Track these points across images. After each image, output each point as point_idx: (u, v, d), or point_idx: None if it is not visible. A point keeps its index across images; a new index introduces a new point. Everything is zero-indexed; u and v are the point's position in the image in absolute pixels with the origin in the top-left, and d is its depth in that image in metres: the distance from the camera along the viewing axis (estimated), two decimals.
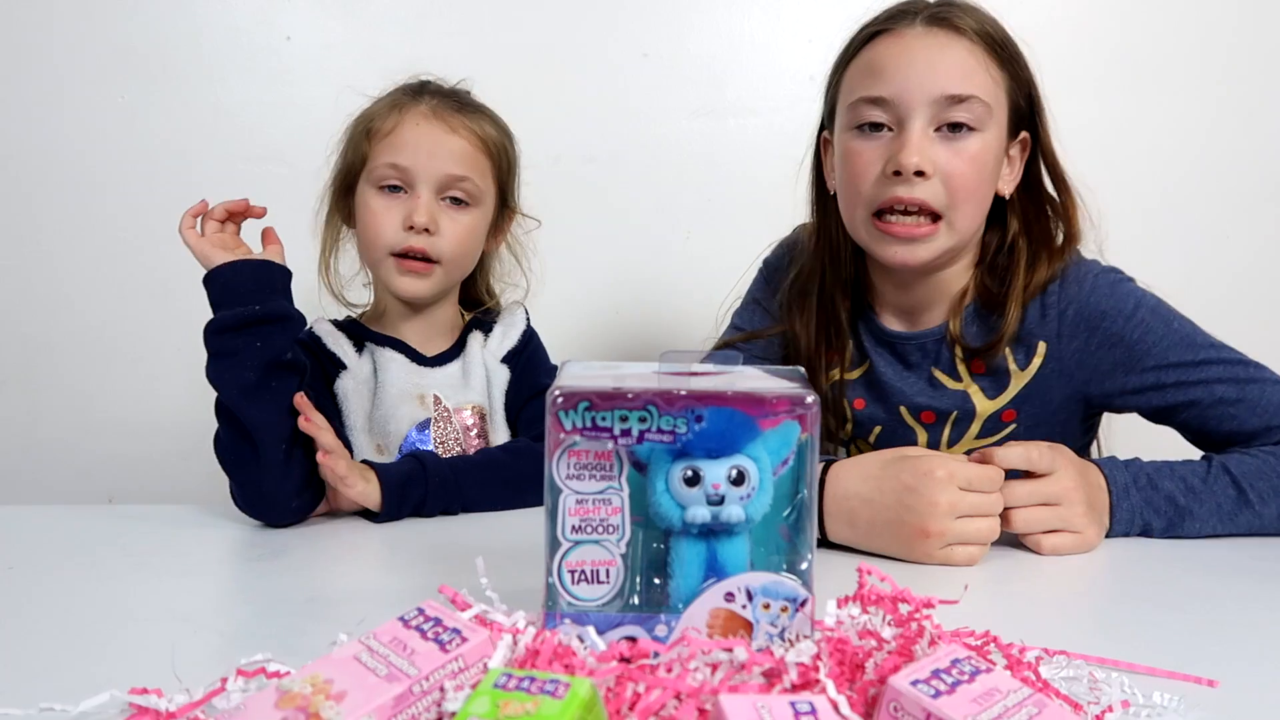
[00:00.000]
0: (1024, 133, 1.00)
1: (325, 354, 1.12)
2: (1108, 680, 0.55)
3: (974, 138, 0.93)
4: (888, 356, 1.07)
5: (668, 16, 1.62)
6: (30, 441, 1.62)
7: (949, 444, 1.05)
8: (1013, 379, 1.01)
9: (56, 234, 1.61)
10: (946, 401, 1.04)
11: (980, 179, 0.95)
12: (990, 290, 1.01)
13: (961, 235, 0.96)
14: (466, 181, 1.11)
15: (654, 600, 0.55)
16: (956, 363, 1.03)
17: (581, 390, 0.53)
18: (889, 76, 0.94)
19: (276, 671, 0.53)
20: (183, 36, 1.58)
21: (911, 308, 1.06)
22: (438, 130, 1.10)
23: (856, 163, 0.96)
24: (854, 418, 1.10)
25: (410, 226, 1.08)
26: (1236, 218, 1.67)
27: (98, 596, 0.72)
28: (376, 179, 1.10)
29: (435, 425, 1.12)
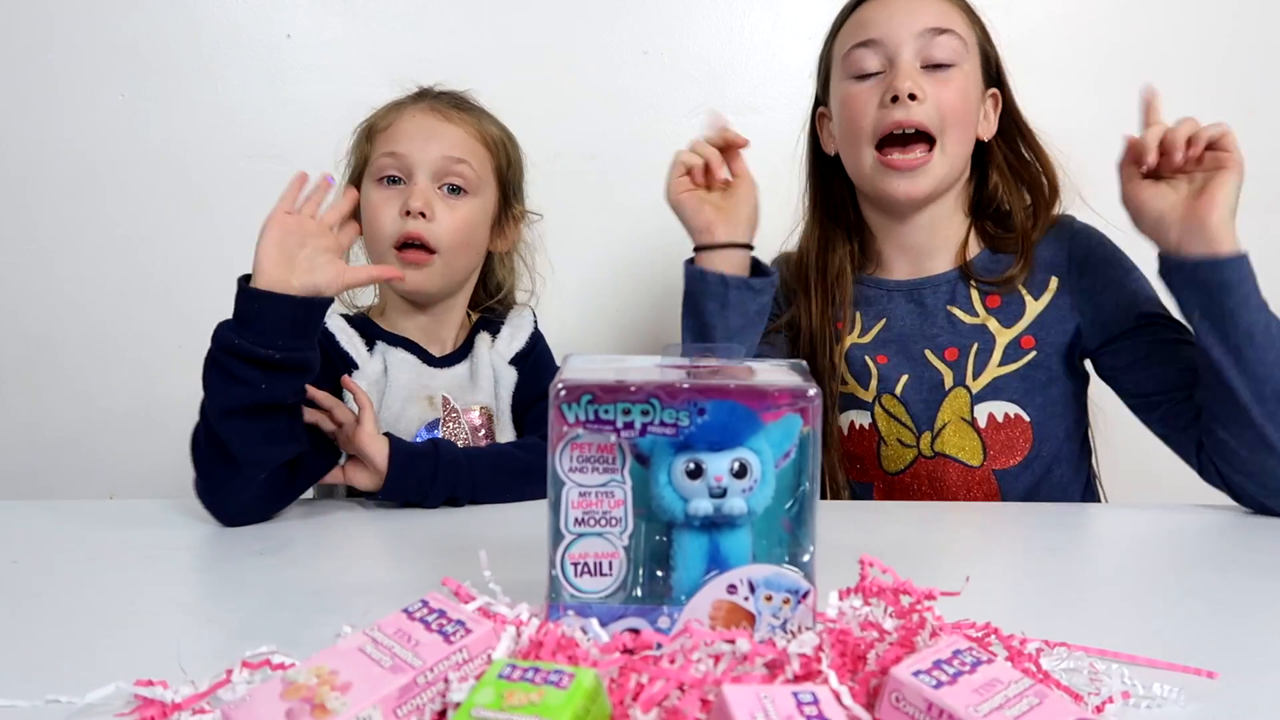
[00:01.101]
0: (994, 89, 1.13)
1: (337, 353, 1.12)
2: (1108, 672, 0.55)
3: (955, 71, 1.06)
4: (904, 305, 1.15)
5: (668, 14, 1.62)
6: (32, 438, 1.63)
7: (973, 375, 1.11)
8: (1027, 308, 1.10)
9: (57, 231, 1.61)
10: (966, 337, 1.11)
11: (965, 107, 1.07)
12: (995, 236, 1.13)
13: (953, 161, 1.08)
14: (463, 165, 1.12)
15: (657, 592, 0.55)
16: (972, 299, 1.12)
17: (584, 383, 0.53)
18: (876, 23, 1.07)
19: (281, 663, 0.53)
20: (183, 34, 1.58)
21: (918, 251, 1.15)
22: (434, 120, 1.13)
23: (855, 103, 1.08)
24: (878, 374, 1.15)
25: (407, 212, 1.08)
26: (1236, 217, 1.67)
27: (102, 590, 0.72)
28: (376, 171, 1.11)
29: (444, 426, 1.12)
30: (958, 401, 1.11)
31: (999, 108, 1.13)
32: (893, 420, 1.14)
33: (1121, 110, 1.64)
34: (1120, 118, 1.64)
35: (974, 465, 1.11)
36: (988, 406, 1.10)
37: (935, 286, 1.14)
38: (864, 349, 1.16)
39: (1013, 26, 1.59)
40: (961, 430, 1.11)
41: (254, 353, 0.86)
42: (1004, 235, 1.13)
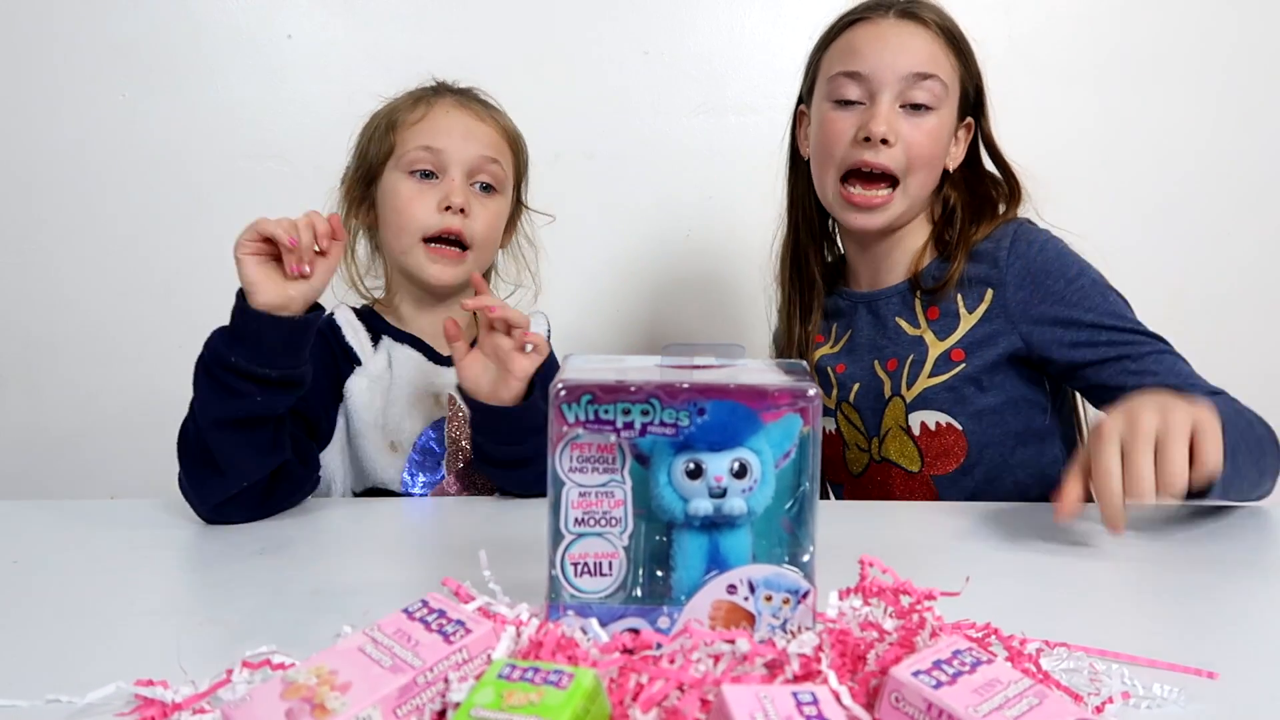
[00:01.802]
0: (969, 118, 1.15)
1: (341, 347, 1.12)
2: (1108, 672, 0.55)
3: (932, 115, 1.09)
4: (865, 316, 1.18)
5: (668, 14, 1.62)
6: (33, 438, 1.63)
7: (907, 385, 1.13)
8: (961, 321, 1.11)
9: (58, 231, 1.61)
10: (905, 348, 1.14)
11: (934, 151, 1.10)
12: (943, 244, 1.15)
13: (913, 200, 1.11)
14: (496, 165, 1.13)
15: (656, 592, 0.55)
16: (916, 311, 1.14)
17: (584, 383, 0.53)
18: (865, 55, 1.08)
19: (281, 663, 0.53)
20: (183, 34, 1.58)
21: (875, 267, 1.18)
22: (468, 117, 1.14)
23: (831, 130, 1.10)
24: (837, 382, 1.19)
25: (447, 207, 1.09)
26: (1237, 216, 1.68)
27: (102, 590, 0.72)
28: (408, 164, 1.11)
29: (449, 424, 1.11)
30: (896, 410, 1.14)
31: (970, 136, 1.16)
32: (851, 426, 1.19)
33: (1121, 109, 1.65)
34: (1120, 117, 1.65)
35: (913, 471, 1.14)
36: (920, 415, 1.12)
37: (888, 299, 1.17)
38: (829, 359, 1.21)
39: (1013, 27, 1.60)
40: (900, 438, 1.14)
41: (250, 371, 0.87)
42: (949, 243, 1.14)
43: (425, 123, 1.12)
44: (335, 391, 1.10)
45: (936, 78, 1.08)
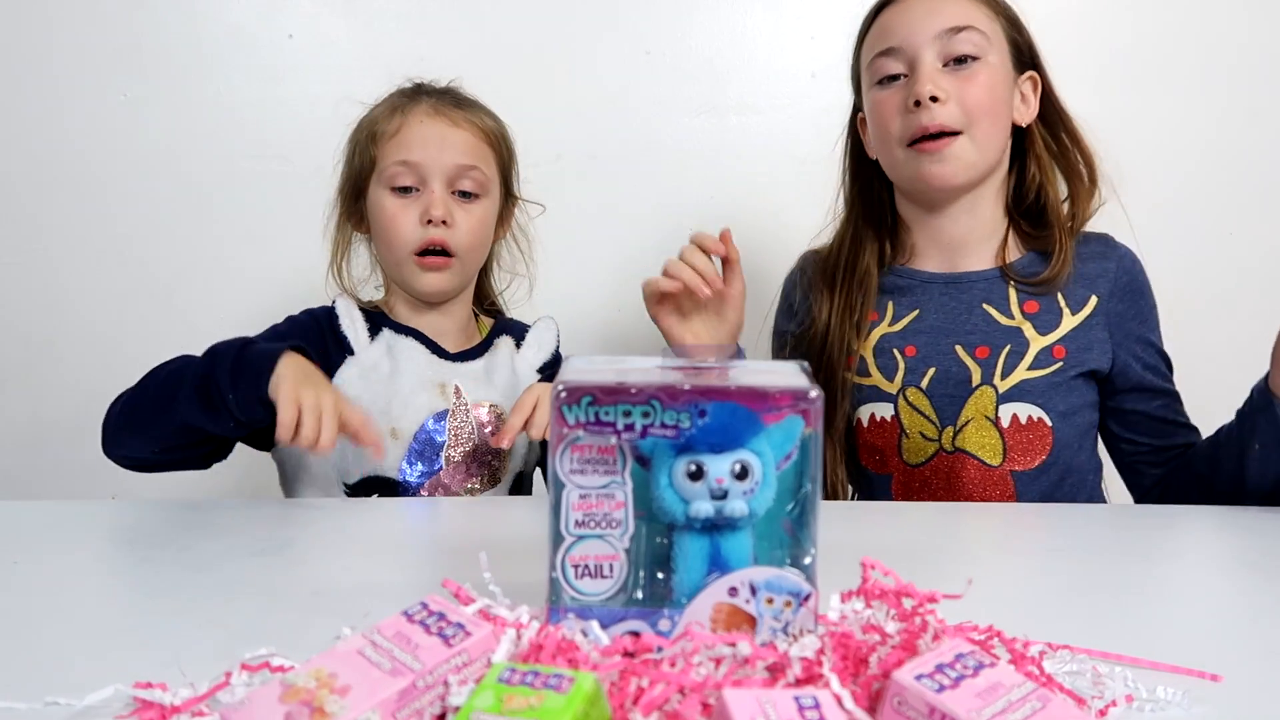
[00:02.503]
0: (1032, 71, 1.12)
1: (335, 335, 1.13)
2: (1111, 675, 0.55)
3: (978, 65, 1.06)
4: (938, 298, 1.15)
5: (670, 14, 1.62)
6: (34, 438, 1.63)
7: (1001, 375, 1.11)
8: (1064, 320, 1.11)
9: (58, 232, 1.61)
10: (999, 337, 1.12)
11: (992, 99, 1.07)
12: (1033, 235, 1.13)
13: (984, 150, 1.08)
14: (475, 171, 1.13)
15: (657, 595, 0.55)
16: (1010, 301, 1.12)
17: (585, 385, 0.53)
18: (894, 29, 1.08)
19: (280, 666, 0.53)
20: (184, 35, 1.58)
21: (953, 244, 1.16)
22: (442, 125, 1.13)
23: (882, 110, 1.09)
24: (905, 365, 1.15)
25: (428, 220, 1.09)
26: (1239, 218, 1.67)
27: (101, 591, 0.72)
28: (388, 179, 1.12)
29: (452, 416, 1.12)
30: (983, 399, 1.11)
31: (1039, 90, 1.13)
32: (916, 413, 1.14)
33: (1123, 111, 1.65)
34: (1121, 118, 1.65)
35: (993, 464, 1.11)
36: (1012, 407, 1.10)
37: (972, 283, 1.14)
38: (893, 339, 1.16)
39: None
40: (984, 428, 1.11)
41: (241, 412, 0.92)
42: (1043, 234, 1.13)
43: (401, 135, 1.12)
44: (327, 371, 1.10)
45: (972, 28, 1.06)
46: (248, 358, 0.94)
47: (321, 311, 1.17)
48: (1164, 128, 1.65)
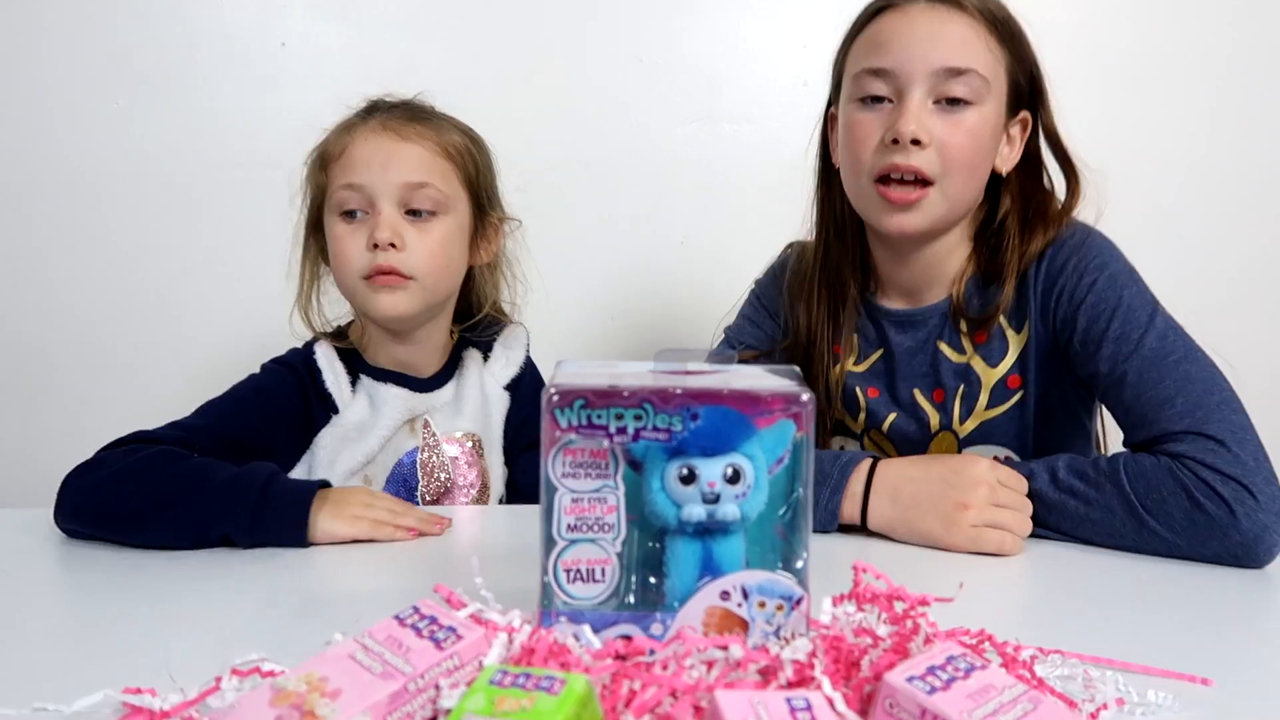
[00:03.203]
0: (1024, 112, 1.03)
1: (319, 393, 1.08)
2: (1102, 678, 0.55)
3: (971, 111, 0.96)
4: (898, 336, 1.08)
5: (662, 22, 1.63)
6: (25, 447, 1.62)
7: (960, 420, 1.05)
8: (1010, 344, 1.02)
9: (52, 241, 1.60)
10: (952, 377, 1.05)
11: (975, 151, 0.97)
12: (987, 263, 1.03)
13: (953, 203, 0.99)
14: (427, 188, 1.04)
15: (649, 599, 0.55)
16: (960, 336, 1.04)
17: (577, 388, 0.53)
18: (891, 48, 0.97)
19: (271, 671, 0.53)
20: (178, 43, 1.58)
21: (913, 285, 1.07)
22: (388, 141, 1.05)
23: (857, 132, 0.99)
24: (867, 407, 1.10)
25: (375, 245, 1.02)
26: (1234, 222, 1.68)
27: (91, 597, 0.72)
28: (337, 205, 1.05)
29: (422, 452, 1.09)
30: (944, 445, 1.06)
31: (1027, 132, 1.03)
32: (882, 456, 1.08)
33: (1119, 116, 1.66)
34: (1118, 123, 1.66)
35: None
36: (978, 450, 1.03)
37: (927, 319, 1.06)
38: (857, 378, 1.11)
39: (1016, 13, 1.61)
40: None
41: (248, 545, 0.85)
42: (995, 261, 1.03)
43: (346, 157, 1.05)
44: (302, 437, 1.07)
45: (974, 72, 0.95)
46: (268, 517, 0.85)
47: (298, 363, 1.09)
48: (1162, 131, 1.65)
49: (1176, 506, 0.81)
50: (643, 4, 1.62)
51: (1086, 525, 0.86)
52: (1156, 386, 0.89)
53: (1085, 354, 0.95)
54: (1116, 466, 0.85)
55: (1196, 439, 0.84)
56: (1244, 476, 0.80)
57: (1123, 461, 0.86)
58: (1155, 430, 0.87)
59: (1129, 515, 0.83)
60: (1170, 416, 0.86)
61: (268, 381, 1.08)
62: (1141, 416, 0.89)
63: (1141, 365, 0.90)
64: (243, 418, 1.02)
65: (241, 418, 1.02)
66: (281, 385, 1.08)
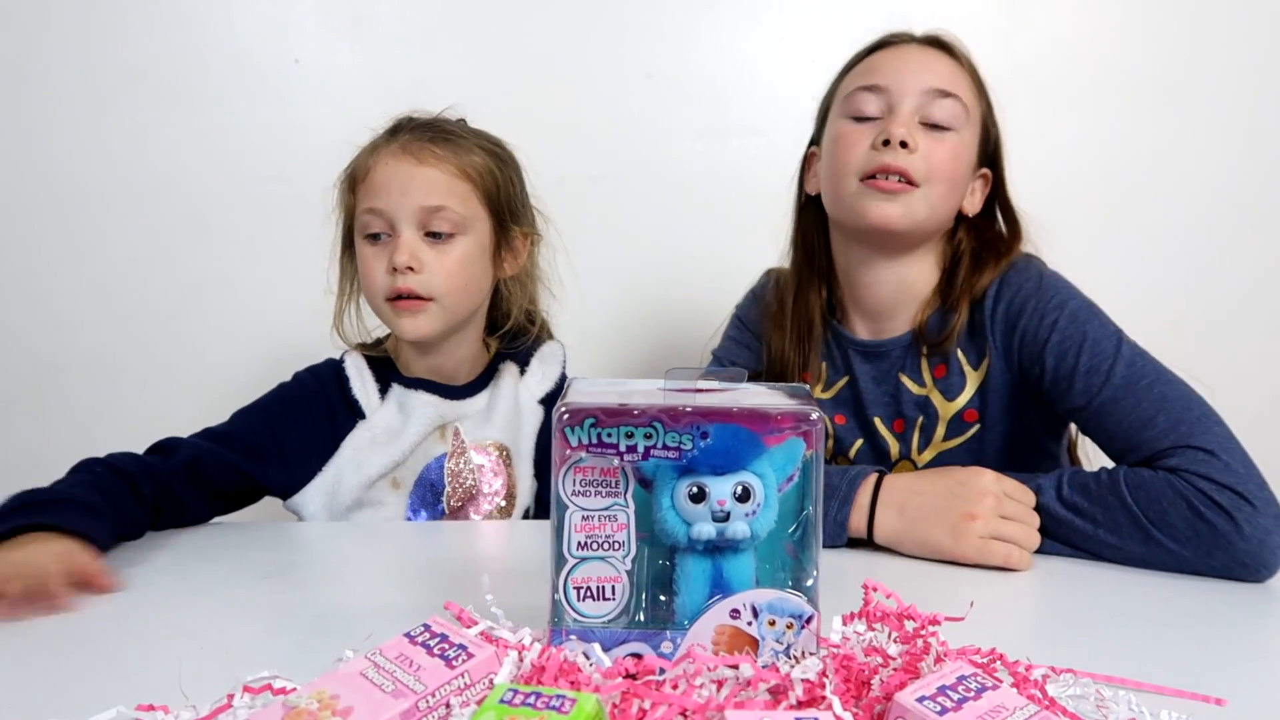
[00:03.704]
0: (985, 169, 1.09)
1: (345, 398, 1.10)
2: (1115, 698, 0.54)
3: (952, 135, 1.02)
4: (863, 365, 1.11)
5: (671, 38, 1.63)
6: (37, 461, 1.62)
7: (918, 449, 1.08)
8: (968, 379, 1.05)
9: (63, 255, 1.62)
10: (912, 408, 1.08)
11: (955, 169, 1.03)
12: (946, 292, 1.07)
13: (932, 211, 1.02)
14: (445, 211, 1.06)
15: (659, 617, 0.55)
16: (921, 368, 1.07)
17: (588, 406, 0.53)
18: (885, 70, 1.04)
19: (283, 688, 0.53)
20: (191, 58, 1.59)
21: (880, 307, 1.09)
22: (406, 165, 1.07)
23: (846, 140, 1.04)
24: (834, 434, 1.12)
25: (394, 269, 1.05)
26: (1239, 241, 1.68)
27: (104, 613, 0.72)
28: (362, 228, 1.09)
29: (450, 459, 1.10)
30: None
31: (987, 188, 1.09)
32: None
33: (1125, 133, 1.66)
34: (1124, 140, 1.66)
35: None
36: None
37: (890, 351, 1.09)
38: (825, 405, 1.12)
39: (1015, 53, 1.61)
40: None
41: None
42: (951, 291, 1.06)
43: (369, 181, 1.08)
44: (327, 444, 1.08)
45: (957, 98, 1.02)
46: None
47: (327, 372, 1.13)
48: (1163, 154, 1.65)
49: (1179, 517, 0.82)
50: (652, 20, 1.63)
51: (1094, 541, 0.86)
52: (1135, 410, 0.90)
53: (1058, 392, 0.97)
54: (1117, 479, 0.86)
55: (1185, 451, 0.85)
56: (1238, 484, 0.82)
57: (1122, 475, 0.87)
58: (1144, 452, 0.88)
59: (1135, 528, 0.84)
60: (1154, 436, 0.88)
61: (295, 390, 1.12)
62: (1127, 441, 0.90)
63: (1116, 393, 0.92)
64: (266, 426, 1.07)
65: (265, 426, 1.07)
66: (307, 393, 1.11)
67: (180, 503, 0.98)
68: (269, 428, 1.07)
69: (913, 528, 0.87)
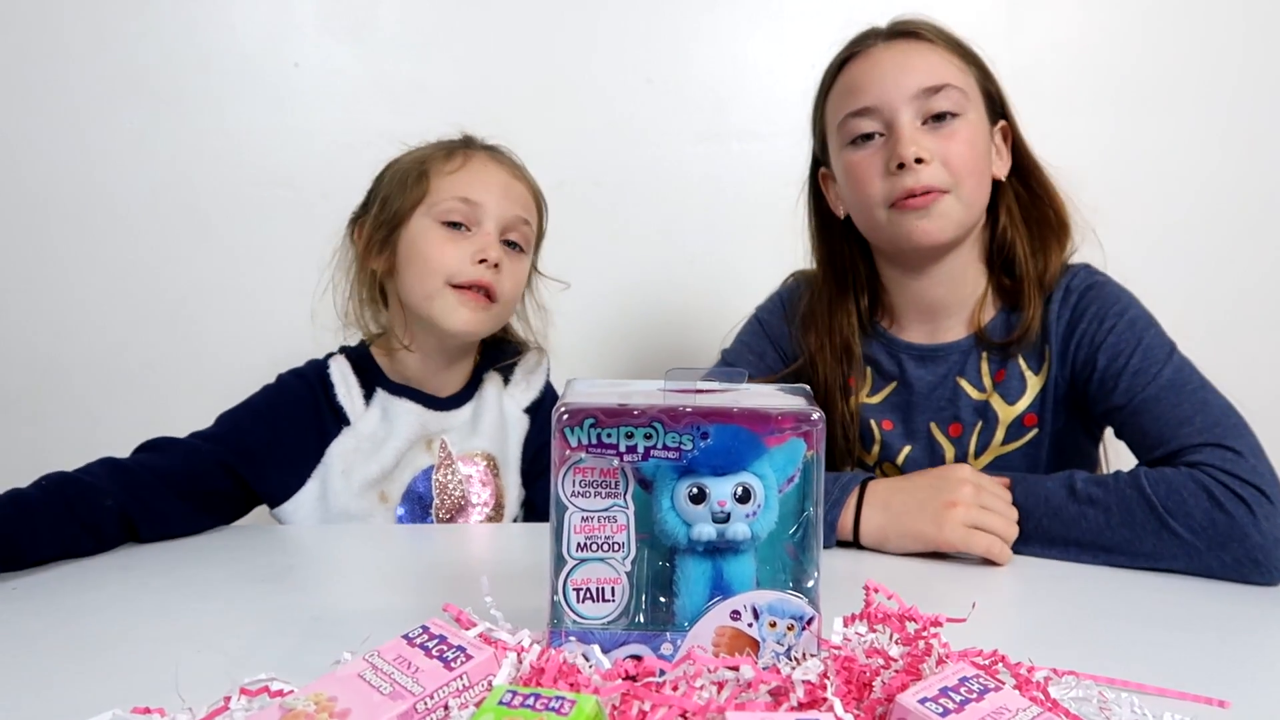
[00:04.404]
0: (1002, 121, 1.07)
1: (331, 406, 1.09)
2: (1118, 700, 0.54)
3: (959, 122, 1.00)
4: (916, 370, 1.09)
5: (671, 42, 1.64)
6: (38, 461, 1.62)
7: (975, 454, 1.07)
8: (1028, 385, 1.04)
9: (66, 257, 1.62)
10: (971, 413, 1.06)
11: (975, 155, 1.01)
12: (1007, 289, 1.06)
13: (970, 206, 1.01)
14: (526, 226, 1.12)
15: (659, 618, 0.55)
16: (981, 371, 1.06)
17: (587, 407, 0.53)
18: (867, 88, 1.01)
19: (280, 691, 0.53)
20: (192, 63, 1.60)
21: (933, 309, 1.08)
22: (504, 173, 1.12)
23: (859, 171, 1.02)
24: (882, 439, 1.11)
25: (482, 260, 1.06)
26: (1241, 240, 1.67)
27: (101, 615, 0.71)
28: (441, 212, 1.08)
29: (438, 471, 1.10)
30: None
31: (1009, 140, 1.07)
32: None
33: (1126, 136, 1.66)
34: (1125, 143, 1.66)
35: None
36: None
37: (948, 355, 1.07)
38: (870, 410, 1.11)
39: (1015, 57, 1.60)
40: None
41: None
42: (1015, 288, 1.05)
43: (462, 174, 1.09)
44: (312, 449, 1.08)
45: (949, 86, 0.99)
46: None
47: (312, 375, 1.11)
48: (1165, 153, 1.65)
49: (1197, 507, 0.82)
50: (652, 25, 1.63)
51: (1105, 535, 0.86)
52: (1175, 409, 0.91)
53: (1103, 391, 0.97)
54: (1137, 474, 0.87)
55: (1215, 449, 0.86)
56: (1262, 484, 0.83)
57: (1142, 470, 0.88)
58: (1174, 445, 0.89)
59: (1150, 517, 0.84)
60: (1189, 433, 0.88)
61: (280, 393, 1.11)
62: (1159, 436, 0.91)
63: (1159, 392, 0.93)
64: (254, 429, 1.06)
65: (253, 429, 1.06)
66: (293, 396, 1.10)
67: (163, 514, 0.94)
68: (258, 429, 1.06)
69: (898, 520, 0.88)
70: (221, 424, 1.06)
